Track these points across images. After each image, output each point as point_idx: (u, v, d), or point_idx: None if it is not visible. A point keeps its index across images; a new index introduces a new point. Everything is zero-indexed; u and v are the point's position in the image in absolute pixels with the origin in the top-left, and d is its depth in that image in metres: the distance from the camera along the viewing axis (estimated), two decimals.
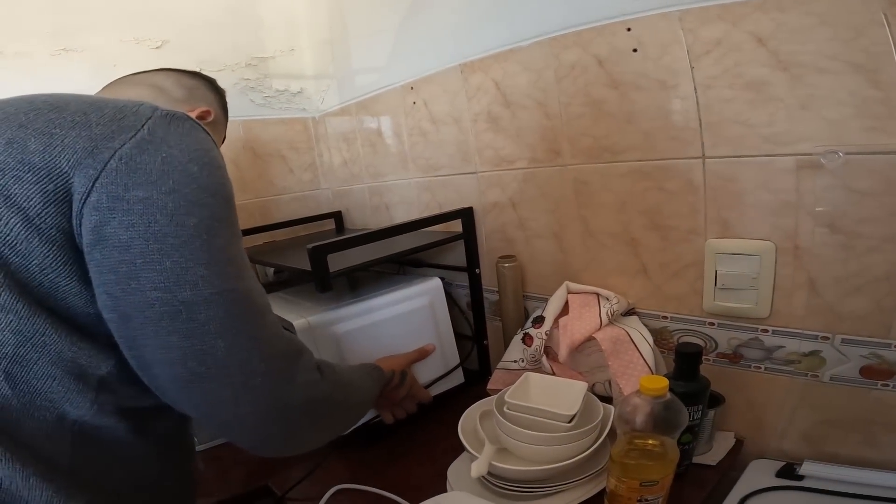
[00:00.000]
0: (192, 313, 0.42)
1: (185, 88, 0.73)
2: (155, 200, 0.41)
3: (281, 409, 0.49)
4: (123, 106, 0.44)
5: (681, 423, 0.54)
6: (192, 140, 0.44)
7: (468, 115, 0.93)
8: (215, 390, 0.44)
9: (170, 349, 0.42)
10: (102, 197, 0.39)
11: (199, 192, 0.43)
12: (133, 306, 0.41)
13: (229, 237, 0.46)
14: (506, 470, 0.61)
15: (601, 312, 0.75)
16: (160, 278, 0.41)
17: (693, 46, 0.61)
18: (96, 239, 0.39)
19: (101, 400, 0.42)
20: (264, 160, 1.28)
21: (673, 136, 0.66)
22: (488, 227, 0.96)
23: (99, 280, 0.40)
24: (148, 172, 0.41)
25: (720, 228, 0.65)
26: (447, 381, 0.95)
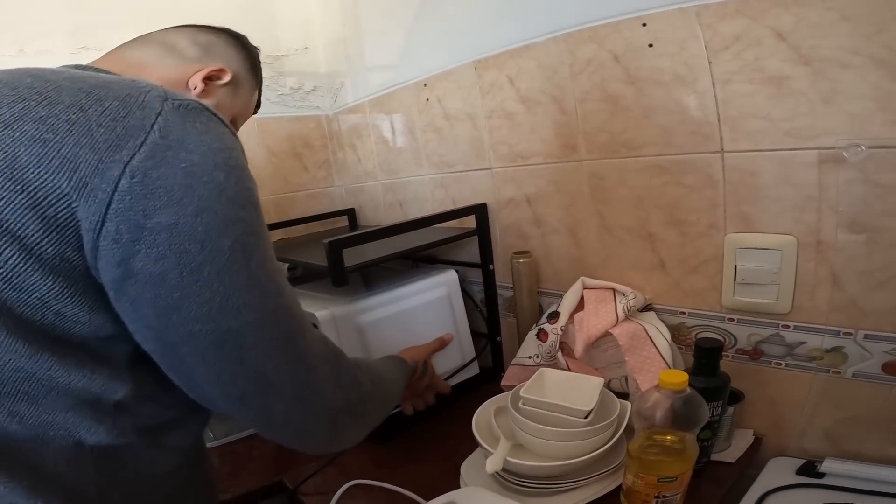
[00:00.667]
0: (239, 340, 0.40)
1: (198, 46, 0.62)
2: (182, 226, 0.36)
3: (328, 413, 0.49)
4: (127, 95, 0.37)
5: (700, 419, 0.53)
6: (212, 138, 0.39)
7: (482, 111, 0.93)
8: (268, 404, 0.44)
9: (220, 373, 0.41)
10: (121, 227, 0.34)
11: (230, 206, 0.38)
12: (177, 337, 0.38)
13: (264, 250, 0.42)
14: (521, 466, 0.61)
15: (617, 308, 0.74)
16: (202, 310, 0.38)
17: (711, 42, 0.61)
18: (124, 274, 0.35)
19: (119, 424, 0.40)
20: (279, 157, 1.29)
21: (691, 130, 0.65)
22: (503, 223, 0.96)
23: (135, 314, 0.37)
24: (169, 191, 0.35)
25: (740, 223, 0.65)
26: (464, 373, 0.96)
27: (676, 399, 0.53)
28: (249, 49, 0.69)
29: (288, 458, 0.84)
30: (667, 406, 0.53)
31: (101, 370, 0.38)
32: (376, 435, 0.84)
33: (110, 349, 0.39)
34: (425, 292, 0.91)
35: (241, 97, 0.66)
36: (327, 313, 0.79)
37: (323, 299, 0.88)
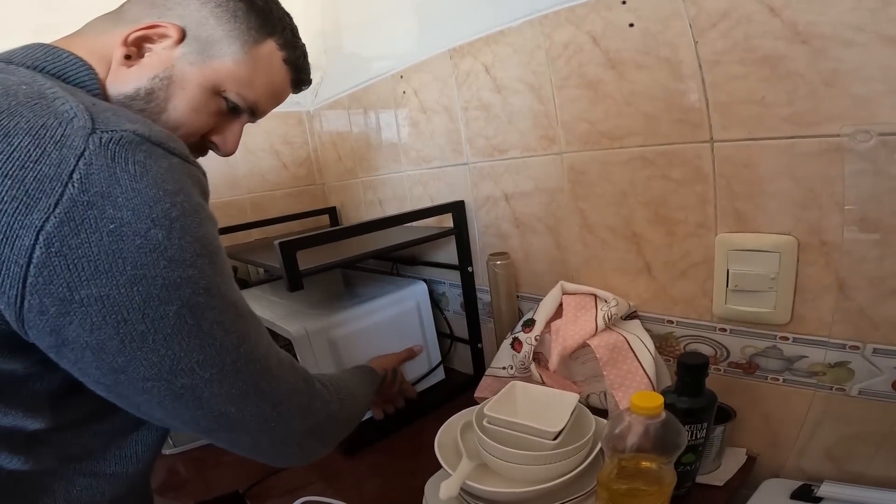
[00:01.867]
0: (196, 392, 0.37)
1: (144, 3, 0.47)
2: (114, 297, 0.31)
3: (296, 438, 0.48)
4: (42, 126, 0.30)
5: (678, 446, 0.46)
6: (148, 184, 0.32)
7: (458, 102, 0.87)
8: (234, 438, 0.43)
9: (179, 416, 0.39)
10: (45, 301, 0.30)
11: (173, 268, 0.33)
12: (129, 389, 0.36)
13: (222, 303, 0.37)
14: (482, 490, 0.55)
15: (597, 316, 0.68)
16: (151, 372, 0.35)
17: (696, 19, 0.54)
18: (59, 342, 0.32)
19: (35, 452, 0.37)
20: (256, 155, 1.24)
21: (677, 118, 0.58)
22: (481, 222, 0.90)
23: (81, 374, 0.35)
24: (94, 261, 0.30)
25: (733, 221, 0.58)
26: (431, 378, 0.98)
27: (651, 424, 0.46)
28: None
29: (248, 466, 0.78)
30: (640, 431, 0.46)
31: (15, 409, 0.36)
32: (342, 449, 0.80)
33: (29, 387, 0.36)
34: (396, 305, 0.92)
35: (222, 57, 0.48)
36: (301, 329, 0.79)
37: (297, 312, 0.88)
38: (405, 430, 0.86)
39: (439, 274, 1.02)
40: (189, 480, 0.80)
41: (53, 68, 0.40)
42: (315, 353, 0.80)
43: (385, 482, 0.73)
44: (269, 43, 0.51)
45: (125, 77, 0.45)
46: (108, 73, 0.44)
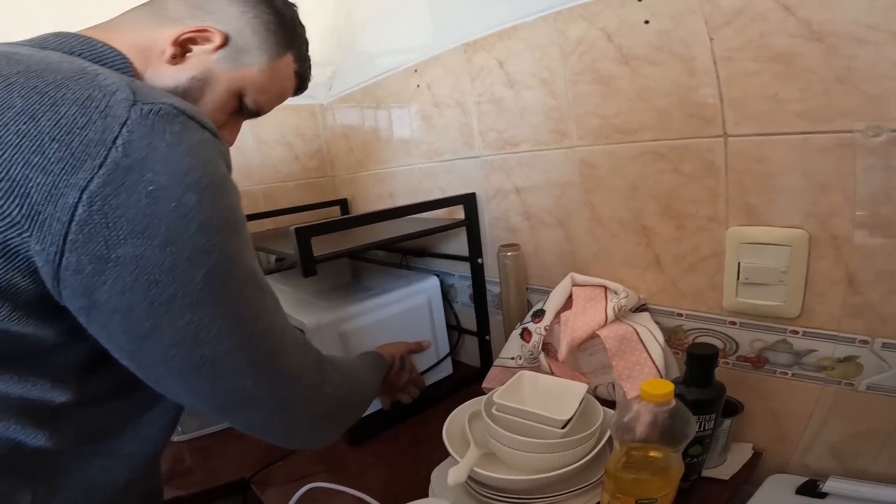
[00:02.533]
0: (216, 365, 0.39)
1: (188, 3, 0.50)
2: (149, 258, 0.33)
3: (309, 419, 0.49)
4: (88, 98, 0.32)
5: (687, 435, 0.47)
6: (183, 153, 0.34)
7: (471, 96, 0.87)
8: (248, 415, 0.44)
9: (197, 391, 0.40)
10: (82, 259, 0.32)
11: (203, 233, 0.35)
12: (151, 359, 0.37)
13: (243, 273, 0.39)
14: (489, 478, 0.56)
15: (607, 307, 0.68)
16: (175, 339, 0.36)
17: (711, 16, 0.55)
18: (90, 304, 0.34)
19: (59, 428, 0.38)
20: (268, 146, 1.26)
21: (690, 113, 0.59)
22: (491, 214, 0.91)
23: (107, 339, 0.36)
24: (132, 220, 0.32)
25: (744, 215, 0.58)
26: (439, 372, 0.98)
27: (660, 412, 0.47)
28: (267, 4, 0.53)
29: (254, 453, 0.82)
30: (649, 420, 0.47)
31: (43, 380, 0.36)
32: (348, 438, 0.81)
33: (57, 358, 0.37)
34: (407, 299, 0.92)
35: (251, 65, 0.52)
36: (315, 320, 0.80)
37: (309, 303, 0.89)
38: (411, 421, 0.87)
39: (449, 266, 1.03)
40: (195, 468, 0.81)
41: (90, 55, 0.42)
42: (326, 347, 0.81)
43: (390, 471, 0.74)
44: (288, 56, 0.57)
45: (165, 72, 0.47)
46: (147, 65, 0.46)
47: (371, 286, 0.96)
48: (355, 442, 0.82)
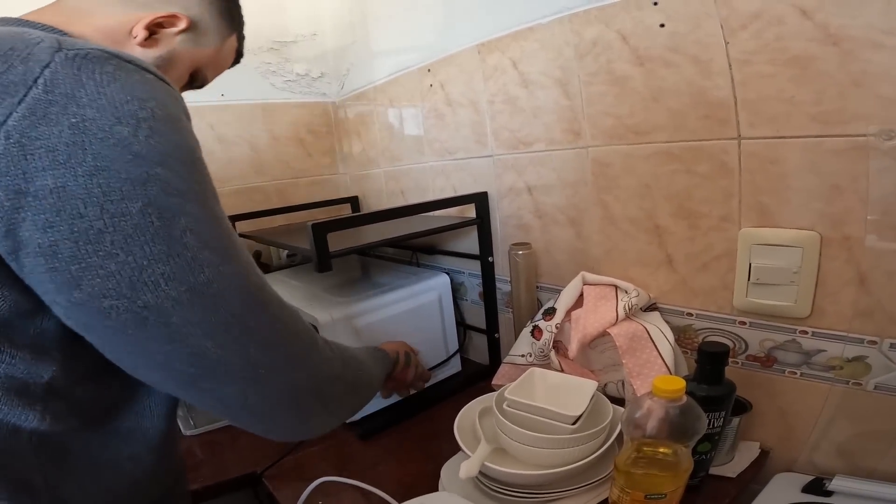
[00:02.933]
0: (163, 317, 0.34)
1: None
2: (72, 189, 0.30)
3: (291, 394, 0.44)
4: (11, 49, 0.31)
5: (697, 431, 0.48)
6: (117, 89, 0.32)
7: (485, 96, 0.88)
8: (216, 388, 0.39)
9: (150, 355, 0.36)
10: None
11: (139, 163, 0.32)
12: (88, 315, 0.33)
13: (198, 214, 0.35)
14: (499, 472, 0.57)
15: (618, 306, 0.69)
16: (107, 284, 0.32)
17: (728, 20, 0.55)
18: (15, 245, 0.31)
19: (52, 408, 0.36)
20: (282, 143, 1.27)
21: (705, 114, 0.59)
22: (503, 212, 0.92)
23: (39, 288, 0.33)
24: (52, 150, 0.30)
25: (757, 216, 0.59)
26: (447, 370, 0.99)
27: (671, 408, 0.47)
28: None
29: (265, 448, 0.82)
30: (660, 415, 0.48)
31: (22, 353, 0.34)
32: (357, 432, 0.82)
33: (34, 327, 0.35)
34: (419, 296, 0.93)
35: (207, 46, 0.57)
36: (327, 316, 0.81)
37: (321, 299, 0.91)
38: (420, 417, 0.88)
39: (459, 263, 1.04)
40: (205, 462, 0.82)
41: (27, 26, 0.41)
42: (340, 340, 0.81)
43: (400, 466, 0.75)
44: (234, 36, 0.63)
45: (133, 52, 0.49)
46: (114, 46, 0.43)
47: (382, 282, 0.97)
48: (364, 437, 0.83)
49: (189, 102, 1.17)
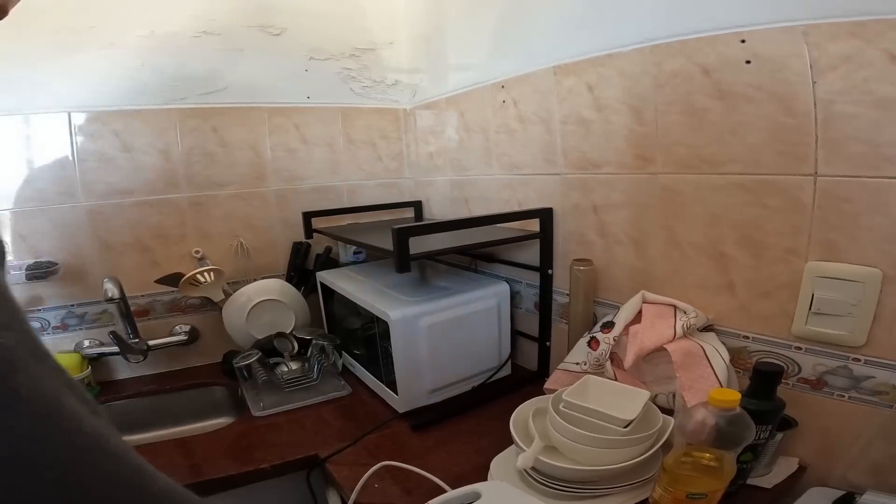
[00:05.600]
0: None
1: None
2: None
3: None
4: None
5: (745, 440, 0.53)
6: None
7: (557, 116, 0.94)
8: None
9: None
10: None
11: None
12: None
13: None
14: (553, 467, 0.62)
15: (676, 324, 0.73)
16: None
17: (818, 61, 0.58)
18: None
19: None
20: (356, 146, 1.37)
21: (782, 150, 0.63)
22: (566, 229, 0.97)
23: None
24: None
25: (823, 250, 0.62)
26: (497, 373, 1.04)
27: (723, 417, 0.52)
28: None
29: (325, 432, 0.90)
30: (712, 423, 0.52)
31: None
32: (410, 424, 0.89)
33: None
34: (480, 301, 0.99)
35: None
36: (399, 314, 0.88)
37: (388, 296, 0.97)
38: (469, 414, 0.93)
39: (516, 273, 1.09)
40: (272, 442, 0.89)
41: None
42: (406, 338, 0.89)
43: (450, 457, 0.80)
44: None
45: None
46: None
47: (444, 285, 1.03)
48: (417, 428, 0.89)
49: (278, 104, 1.29)
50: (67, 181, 1.07)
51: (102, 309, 1.13)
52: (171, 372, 1.22)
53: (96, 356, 1.12)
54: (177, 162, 1.16)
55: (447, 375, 0.96)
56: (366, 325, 1.07)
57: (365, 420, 0.94)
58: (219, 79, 1.17)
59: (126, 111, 1.10)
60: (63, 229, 1.07)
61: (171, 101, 1.13)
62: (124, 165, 1.11)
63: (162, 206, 1.16)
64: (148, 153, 1.13)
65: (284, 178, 1.28)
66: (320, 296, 1.23)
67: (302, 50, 1.26)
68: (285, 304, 1.20)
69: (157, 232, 1.16)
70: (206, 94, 1.16)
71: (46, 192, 1.05)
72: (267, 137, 1.24)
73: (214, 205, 1.21)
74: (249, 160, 1.23)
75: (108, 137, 1.09)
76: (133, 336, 1.09)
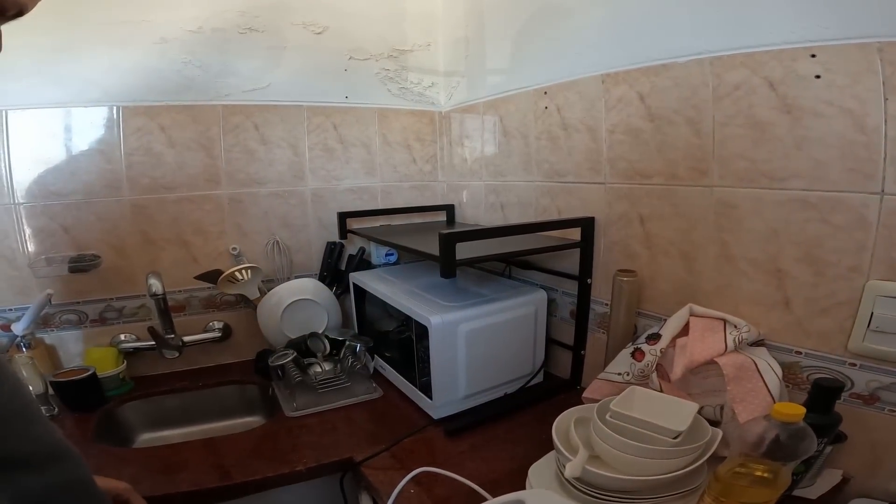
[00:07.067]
0: None
1: None
2: None
3: None
4: None
5: (804, 453, 0.53)
6: None
7: (605, 125, 0.93)
8: None
9: None
10: None
11: None
12: None
13: None
14: (600, 476, 0.62)
15: (727, 338, 0.72)
16: None
17: (891, 78, 0.58)
18: None
19: None
20: (392, 147, 1.38)
21: (850, 167, 0.62)
22: (609, 238, 0.96)
23: None
24: None
25: (886, 269, 0.61)
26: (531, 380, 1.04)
27: (785, 430, 0.52)
28: None
29: (358, 435, 0.90)
30: (772, 436, 0.52)
31: None
32: (444, 429, 0.89)
33: None
34: (518, 308, 0.99)
35: None
36: (439, 320, 0.88)
37: (426, 300, 0.97)
38: (503, 420, 0.93)
39: (553, 281, 1.09)
40: (306, 443, 0.89)
41: None
42: (445, 342, 0.89)
43: (485, 463, 0.80)
44: None
45: None
46: None
47: (481, 291, 1.03)
48: (451, 434, 0.88)
49: (318, 103, 1.27)
50: (114, 174, 1.08)
51: (140, 303, 1.15)
52: (204, 368, 1.23)
53: (132, 350, 1.14)
54: (219, 158, 1.17)
55: (481, 382, 0.96)
56: (399, 329, 1.08)
57: (396, 423, 0.94)
58: (262, 76, 1.19)
59: (173, 106, 1.11)
60: (107, 223, 1.09)
61: (217, 97, 1.15)
62: (169, 161, 1.13)
63: (203, 202, 1.17)
64: (191, 149, 1.14)
65: (322, 177, 1.29)
66: (352, 297, 1.24)
67: (343, 49, 1.27)
68: (319, 304, 1.20)
69: (197, 228, 1.17)
70: (249, 92, 1.18)
71: (93, 186, 1.07)
72: (306, 136, 1.25)
73: (253, 202, 1.22)
74: (288, 159, 1.24)
75: (154, 132, 1.10)
76: (169, 331, 1.10)
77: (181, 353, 1.13)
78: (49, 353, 1.08)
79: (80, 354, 1.11)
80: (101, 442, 0.93)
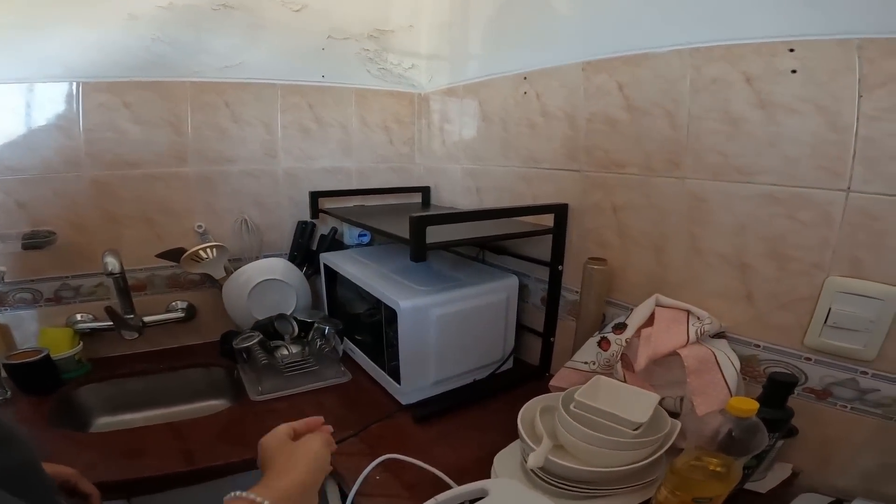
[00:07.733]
0: None
1: None
2: None
3: None
4: None
5: (757, 447, 0.54)
6: None
7: (583, 113, 0.92)
8: None
9: None
10: None
11: None
12: None
13: None
14: (562, 467, 0.63)
15: (689, 330, 0.73)
16: None
17: (867, 76, 0.58)
18: None
19: None
20: (370, 128, 1.34)
21: (819, 165, 0.63)
22: (583, 226, 0.96)
23: None
24: None
25: (847, 266, 0.62)
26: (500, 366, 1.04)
27: (738, 425, 0.53)
28: None
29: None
30: (727, 430, 0.53)
31: None
32: (413, 416, 0.88)
33: None
34: (490, 294, 0.98)
35: None
36: (410, 304, 0.87)
37: (396, 282, 0.96)
38: (472, 407, 0.93)
39: (525, 267, 1.09)
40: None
41: None
42: (416, 328, 0.87)
43: (453, 451, 0.80)
44: None
45: None
46: None
47: (454, 275, 1.02)
48: (420, 420, 0.88)
49: (292, 81, 1.23)
50: (73, 151, 1.03)
51: (98, 282, 1.10)
52: (167, 350, 1.20)
53: (89, 331, 1.10)
54: (186, 135, 1.12)
55: (451, 368, 0.96)
56: (370, 311, 1.06)
57: (365, 408, 0.93)
58: (236, 54, 1.13)
59: (139, 82, 1.06)
60: (65, 199, 1.04)
61: (187, 74, 1.10)
62: (135, 137, 1.07)
63: (170, 179, 1.13)
64: (158, 125, 1.09)
65: (295, 156, 1.25)
66: (323, 278, 1.21)
67: (321, 28, 1.22)
68: (288, 284, 1.18)
69: (163, 206, 1.13)
70: (222, 69, 1.13)
71: (51, 161, 1.02)
72: (279, 115, 1.21)
73: (223, 180, 1.18)
74: (261, 137, 1.20)
75: (119, 109, 1.05)
76: (129, 311, 1.06)
77: (141, 333, 1.10)
78: (3, 332, 1.03)
79: (35, 334, 1.06)
80: (57, 426, 0.90)
